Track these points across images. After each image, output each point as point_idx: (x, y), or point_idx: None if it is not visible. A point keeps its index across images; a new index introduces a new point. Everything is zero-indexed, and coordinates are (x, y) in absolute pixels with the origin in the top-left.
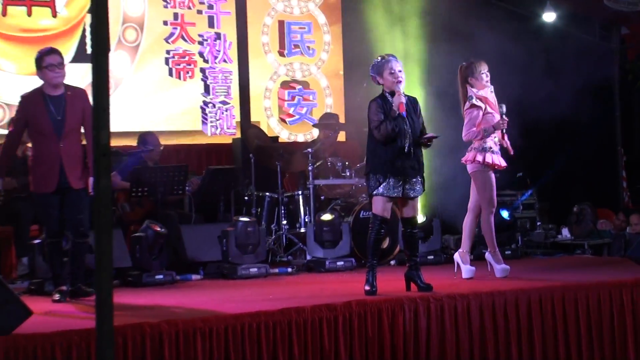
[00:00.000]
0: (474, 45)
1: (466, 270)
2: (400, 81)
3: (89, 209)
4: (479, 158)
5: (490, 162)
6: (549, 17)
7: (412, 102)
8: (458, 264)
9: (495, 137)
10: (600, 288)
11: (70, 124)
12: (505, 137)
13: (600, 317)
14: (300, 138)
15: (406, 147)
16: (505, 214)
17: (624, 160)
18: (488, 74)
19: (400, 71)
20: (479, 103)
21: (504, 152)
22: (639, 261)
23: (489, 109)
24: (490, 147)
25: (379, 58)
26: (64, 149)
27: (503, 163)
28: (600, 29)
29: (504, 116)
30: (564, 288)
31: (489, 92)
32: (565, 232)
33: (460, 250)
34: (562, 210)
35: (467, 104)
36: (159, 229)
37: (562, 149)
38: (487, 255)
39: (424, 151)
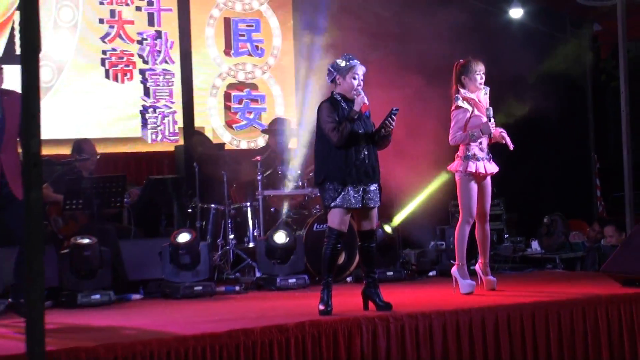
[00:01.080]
0: (436, 43)
1: (464, 284)
2: (359, 90)
3: None
4: (461, 168)
5: (474, 171)
6: (516, 13)
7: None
8: (455, 279)
9: (481, 142)
10: (573, 305)
11: (10, 131)
12: (504, 135)
13: (573, 336)
14: (248, 145)
15: (362, 153)
16: None
17: (598, 167)
18: (483, 75)
19: (362, 79)
20: (464, 105)
21: (496, 155)
22: (615, 276)
23: (476, 112)
24: (474, 154)
25: (348, 56)
26: (4, 159)
27: (490, 170)
28: (571, 26)
29: (491, 120)
30: (534, 305)
31: (482, 95)
32: (535, 245)
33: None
34: (531, 222)
35: (453, 106)
36: (88, 244)
37: (531, 155)
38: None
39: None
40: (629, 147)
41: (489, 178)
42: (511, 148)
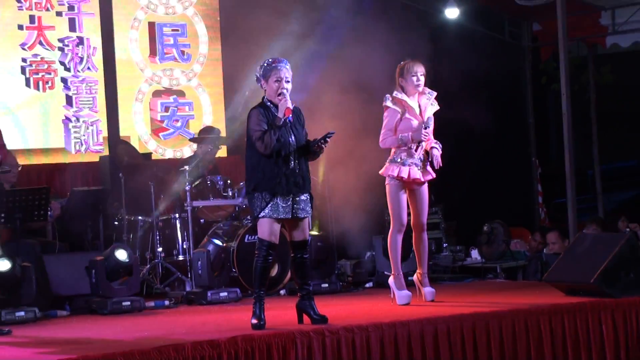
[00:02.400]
0: (367, 46)
1: (400, 295)
2: (284, 93)
3: None
4: (387, 171)
5: (395, 175)
6: (451, 13)
7: (295, 111)
8: (392, 290)
9: (410, 147)
10: (515, 315)
11: None
12: (434, 152)
13: (516, 348)
14: (177, 154)
15: (291, 162)
16: None
17: (539, 172)
18: (421, 76)
19: (288, 81)
20: (392, 106)
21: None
22: (558, 285)
23: (407, 115)
24: (401, 159)
25: (270, 60)
26: None
27: (415, 175)
28: (510, 26)
29: (427, 128)
30: (474, 316)
31: (424, 99)
32: (475, 254)
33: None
34: (470, 230)
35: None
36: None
37: (469, 161)
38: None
39: (314, 166)
40: (571, 151)
41: (425, 187)
42: (436, 166)
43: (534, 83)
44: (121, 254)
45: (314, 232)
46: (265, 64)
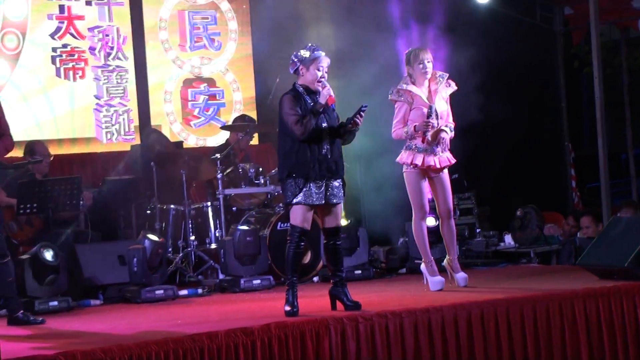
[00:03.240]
0: (395, 33)
1: (433, 282)
2: (324, 82)
3: None
4: (403, 159)
5: (409, 162)
6: None
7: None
8: (425, 277)
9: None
10: (549, 300)
11: None
12: (441, 132)
13: (550, 332)
14: (208, 142)
15: (324, 147)
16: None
17: (573, 156)
18: (428, 63)
19: (327, 72)
20: (396, 97)
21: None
22: (591, 269)
23: (415, 104)
24: (415, 146)
25: (312, 47)
26: None
27: (432, 162)
28: (541, 10)
29: (431, 117)
30: (508, 301)
31: (433, 85)
32: (508, 239)
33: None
34: (504, 215)
35: None
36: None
37: (502, 146)
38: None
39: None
40: (604, 135)
41: (444, 173)
42: (441, 151)
43: (566, 67)
44: (153, 236)
45: (342, 221)
46: (308, 51)
